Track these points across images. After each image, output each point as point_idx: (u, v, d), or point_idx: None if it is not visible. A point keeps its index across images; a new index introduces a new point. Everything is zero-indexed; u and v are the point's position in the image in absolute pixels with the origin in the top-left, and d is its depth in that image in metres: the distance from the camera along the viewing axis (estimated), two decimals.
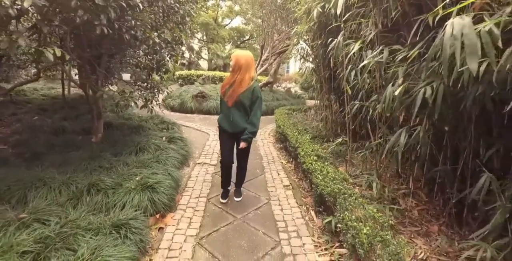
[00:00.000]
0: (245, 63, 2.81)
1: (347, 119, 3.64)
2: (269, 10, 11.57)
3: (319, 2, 4.15)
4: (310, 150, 3.70)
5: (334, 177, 2.83)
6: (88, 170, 3.28)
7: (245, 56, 2.84)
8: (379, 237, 1.86)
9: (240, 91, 2.81)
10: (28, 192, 2.70)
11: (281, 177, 4.06)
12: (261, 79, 14.36)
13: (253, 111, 2.90)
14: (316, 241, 2.62)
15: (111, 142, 4.44)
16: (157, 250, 2.38)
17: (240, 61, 2.80)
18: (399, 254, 1.76)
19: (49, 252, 1.87)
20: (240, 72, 2.81)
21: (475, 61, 1.14)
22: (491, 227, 1.96)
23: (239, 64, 2.81)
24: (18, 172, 3.11)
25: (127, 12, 2.66)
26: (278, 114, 6.72)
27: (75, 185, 2.87)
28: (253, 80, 2.88)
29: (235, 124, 2.91)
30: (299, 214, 3.07)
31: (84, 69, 4.50)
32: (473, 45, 1.15)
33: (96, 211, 2.52)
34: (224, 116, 3.01)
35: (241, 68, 2.81)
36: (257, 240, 2.59)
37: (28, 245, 1.89)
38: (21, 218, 2.24)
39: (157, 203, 2.77)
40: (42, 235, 2.00)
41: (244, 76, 2.82)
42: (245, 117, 2.93)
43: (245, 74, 2.82)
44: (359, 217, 2.11)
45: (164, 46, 3.50)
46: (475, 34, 1.16)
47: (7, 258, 1.78)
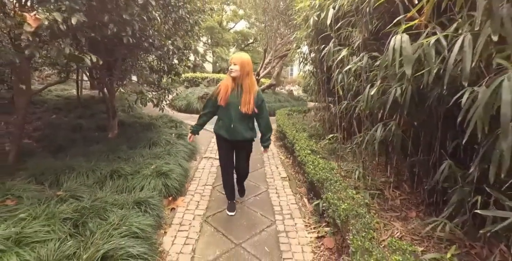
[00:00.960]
0: (251, 67, 2.70)
1: (338, 117, 4.05)
2: (272, 15, 12.03)
3: (315, 11, 4.57)
4: (305, 146, 4.12)
5: (323, 167, 3.25)
6: (108, 160, 3.73)
7: (249, 60, 2.70)
8: (354, 212, 2.28)
9: (253, 96, 2.70)
10: (60, 177, 3.15)
11: (279, 170, 4.49)
12: (264, 82, 14.81)
13: (264, 116, 2.89)
14: (306, 222, 3.04)
15: (126, 137, 4.90)
16: (170, 225, 2.81)
17: (248, 66, 2.66)
18: (370, 224, 2.17)
19: (85, 219, 2.31)
20: (249, 77, 2.69)
21: (409, 67, 1.57)
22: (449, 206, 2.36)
23: (247, 70, 2.66)
24: (47, 161, 3.56)
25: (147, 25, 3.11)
26: (278, 115, 7.15)
27: (100, 172, 3.32)
28: (255, 81, 2.83)
29: (238, 132, 2.79)
30: (294, 200, 3.49)
31: (101, 72, 4.97)
32: (408, 56, 1.57)
33: (119, 192, 2.96)
34: (224, 124, 2.83)
35: (249, 73, 2.69)
36: (255, 220, 3.01)
37: (68, 213, 2.34)
38: (58, 195, 2.69)
39: (170, 188, 3.22)
40: (78, 207, 2.44)
41: (252, 80, 2.73)
42: (248, 124, 2.83)
43: (252, 78, 2.74)
44: (340, 197, 2.52)
45: (176, 52, 3.95)
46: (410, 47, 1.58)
47: (53, 222, 2.21)
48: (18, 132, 3.87)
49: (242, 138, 2.81)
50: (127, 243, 2.01)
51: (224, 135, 2.84)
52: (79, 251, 1.96)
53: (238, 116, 2.74)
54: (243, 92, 2.69)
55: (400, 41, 1.65)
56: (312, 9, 4.78)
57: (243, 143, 2.92)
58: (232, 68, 2.64)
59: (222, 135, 2.87)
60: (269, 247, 2.57)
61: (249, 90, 2.69)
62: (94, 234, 2.12)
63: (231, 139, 2.84)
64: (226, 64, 22.49)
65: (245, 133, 2.81)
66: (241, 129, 2.78)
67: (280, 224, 2.95)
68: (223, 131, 2.85)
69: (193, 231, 2.73)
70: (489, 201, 2.04)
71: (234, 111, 2.74)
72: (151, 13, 3.00)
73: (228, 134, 2.82)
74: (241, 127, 2.78)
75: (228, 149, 3.00)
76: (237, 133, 2.79)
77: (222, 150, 3.04)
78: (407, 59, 1.60)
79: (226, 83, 2.75)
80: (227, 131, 2.82)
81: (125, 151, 4.10)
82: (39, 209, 2.38)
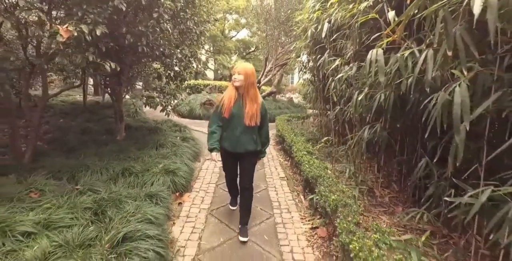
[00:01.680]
0: (255, 77, 2.63)
1: (332, 121, 4.36)
2: (273, 25, 12.45)
3: (313, 23, 4.92)
4: (302, 148, 4.42)
5: (318, 166, 3.55)
6: (119, 160, 4.03)
7: (253, 70, 2.63)
8: (343, 202, 2.56)
9: (258, 107, 2.64)
10: (76, 174, 3.45)
11: (278, 171, 4.78)
12: (265, 89, 15.17)
13: (264, 127, 2.82)
14: (302, 215, 3.32)
15: (134, 140, 5.20)
16: (178, 217, 3.09)
17: (252, 76, 2.59)
18: (356, 212, 2.45)
19: (104, 208, 2.61)
20: (253, 87, 2.62)
21: (382, 75, 1.89)
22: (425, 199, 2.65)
23: (251, 80, 2.58)
24: (61, 160, 3.86)
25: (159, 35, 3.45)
26: (278, 121, 7.46)
27: (112, 169, 3.62)
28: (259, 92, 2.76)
29: (241, 144, 2.70)
30: (291, 197, 3.78)
31: (111, 78, 5.31)
32: (381, 66, 1.89)
33: (131, 187, 3.25)
34: (228, 136, 2.73)
35: (254, 83, 2.62)
36: (255, 213, 3.29)
37: (88, 203, 2.63)
38: (77, 189, 2.99)
39: (177, 184, 3.51)
40: (96, 198, 2.74)
41: (256, 91, 2.67)
42: (252, 136, 2.72)
43: (256, 89, 2.67)
44: (331, 190, 2.81)
45: (184, 60, 4.29)
46: (383, 60, 1.90)
47: (75, 211, 2.51)
48: (33, 134, 4.17)
49: (245, 150, 2.71)
50: (143, 227, 2.29)
51: (227, 147, 2.74)
52: (101, 234, 2.25)
53: (242, 127, 2.65)
54: (247, 103, 2.61)
55: (375, 55, 1.97)
56: (310, 21, 5.13)
57: (246, 155, 2.78)
58: (236, 77, 2.57)
59: (225, 148, 2.76)
60: (268, 236, 2.85)
61: (253, 100, 2.62)
62: (113, 220, 2.41)
63: (234, 152, 2.74)
64: (227, 71, 22.89)
65: (249, 145, 2.71)
66: (245, 141, 2.69)
67: (278, 217, 3.23)
68: (226, 143, 2.74)
69: (199, 222, 3.01)
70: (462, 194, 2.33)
71: (238, 122, 2.65)
72: (163, 25, 3.34)
73: (232, 147, 2.72)
74: (245, 139, 2.69)
75: (232, 163, 2.91)
76: (241, 145, 2.70)
77: (226, 166, 2.98)
78: (381, 69, 1.93)
79: (229, 94, 2.67)
80: (230, 143, 2.72)
81: (134, 152, 4.41)
82: (61, 200, 2.69)
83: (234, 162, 2.91)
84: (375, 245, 1.95)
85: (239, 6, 21.08)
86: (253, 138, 2.73)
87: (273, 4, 12.10)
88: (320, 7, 4.60)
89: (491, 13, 1.35)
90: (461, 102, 1.55)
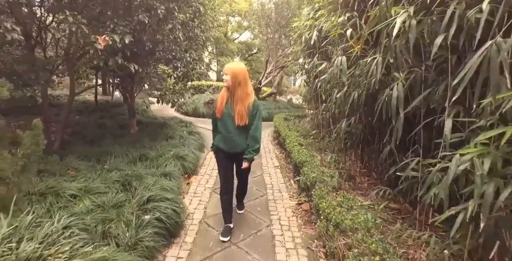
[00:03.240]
0: (243, 77, 2.60)
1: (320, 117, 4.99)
2: (273, 29, 13.09)
3: (306, 30, 5.55)
4: (294, 140, 5.05)
5: (305, 154, 4.17)
6: (136, 148, 4.68)
7: (242, 70, 2.61)
8: (321, 178, 3.19)
9: (246, 107, 2.62)
10: (101, 158, 4.10)
11: (273, 161, 5.41)
12: (266, 90, 15.80)
13: (254, 126, 2.70)
14: (291, 194, 3.95)
15: (146, 133, 5.86)
16: (187, 193, 3.73)
17: (239, 77, 2.57)
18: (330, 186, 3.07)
19: (129, 181, 3.25)
20: (241, 87, 2.59)
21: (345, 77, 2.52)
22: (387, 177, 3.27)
23: (238, 80, 2.57)
24: (86, 148, 4.51)
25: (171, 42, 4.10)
26: (276, 118, 8.09)
27: (131, 155, 4.26)
28: (252, 93, 2.71)
29: (236, 144, 2.71)
30: (282, 181, 4.41)
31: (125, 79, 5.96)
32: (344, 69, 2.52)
33: (148, 168, 3.90)
34: (222, 136, 2.76)
35: (241, 84, 2.59)
36: (251, 191, 3.92)
37: (116, 177, 3.27)
38: (105, 168, 3.63)
39: (186, 168, 4.15)
40: (122, 174, 3.38)
41: (246, 90, 2.64)
42: (245, 135, 2.71)
43: (246, 88, 2.64)
44: (313, 170, 3.44)
45: (191, 62, 4.95)
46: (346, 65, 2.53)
47: (107, 182, 3.15)
48: (62, 126, 4.82)
49: (242, 149, 2.70)
50: (162, 193, 2.93)
51: (222, 147, 2.77)
52: (129, 198, 2.89)
53: (235, 127, 2.66)
54: (237, 103, 2.62)
55: (340, 61, 2.61)
56: (305, 28, 5.76)
57: (243, 155, 2.73)
58: (224, 78, 2.61)
59: (220, 148, 2.80)
60: (261, 208, 3.49)
61: (241, 100, 2.61)
62: (137, 189, 3.05)
63: (230, 152, 2.76)
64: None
65: (244, 144, 2.71)
66: (240, 140, 2.71)
67: (270, 195, 3.87)
68: (221, 143, 2.78)
69: (204, 197, 3.66)
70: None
71: (230, 122, 2.67)
72: (176, 33, 3.99)
73: (227, 146, 2.75)
74: (240, 139, 2.70)
75: (227, 163, 2.89)
76: (236, 145, 2.71)
77: (221, 167, 2.92)
78: (344, 72, 2.56)
79: (222, 94, 2.74)
80: (225, 143, 2.75)
81: (147, 142, 5.06)
82: (95, 175, 3.33)
83: (230, 163, 2.90)
84: (339, 205, 2.57)
85: (242, 9, 21.73)
86: (246, 136, 2.73)
87: (274, 9, 12.74)
88: (313, 15, 5.22)
89: (411, 33, 1.98)
90: (397, 96, 2.18)
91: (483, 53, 1.53)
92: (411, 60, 2.21)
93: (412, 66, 2.29)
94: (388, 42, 2.25)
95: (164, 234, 2.57)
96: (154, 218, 2.59)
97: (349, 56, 3.24)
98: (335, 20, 3.51)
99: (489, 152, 1.52)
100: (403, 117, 2.29)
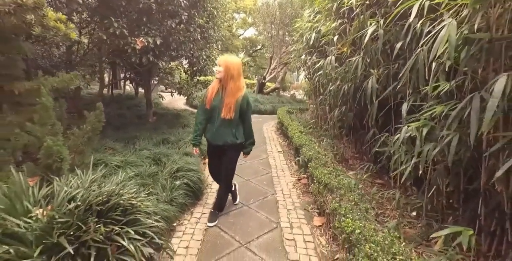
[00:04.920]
0: (237, 71, 2.63)
1: (318, 108, 5.68)
2: (277, 27, 13.72)
3: (307, 31, 6.21)
4: (295, 128, 5.74)
5: (304, 139, 4.86)
6: (157, 134, 5.39)
7: (236, 63, 2.63)
8: (316, 155, 3.88)
9: (235, 101, 2.64)
10: (129, 141, 4.81)
11: (277, 147, 6.12)
12: (269, 85, 16.46)
13: (247, 122, 2.83)
14: (292, 172, 4.65)
15: (163, 122, 6.58)
16: (204, 170, 4.43)
17: (233, 69, 2.59)
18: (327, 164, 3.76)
19: (159, 158, 3.95)
20: (233, 80, 2.61)
21: (333, 72, 3.20)
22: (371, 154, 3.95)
23: (231, 73, 2.59)
24: (116, 133, 5.22)
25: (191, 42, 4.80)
26: (279, 111, 8.78)
27: (155, 139, 4.98)
28: (244, 88, 2.74)
29: (220, 136, 2.76)
30: (285, 163, 5.11)
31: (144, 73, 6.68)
32: (333, 67, 3.21)
33: (171, 149, 4.60)
34: (210, 127, 2.82)
35: (234, 77, 2.61)
36: (258, 170, 4.63)
37: (148, 155, 3.99)
38: (136, 148, 4.34)
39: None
40: (152, 152, 4.10)
41: (239, 84, 2.66)
42: (231, 129, 2.75)
43: (238, 82, 2.66)
44: (310, 150, 4.13)
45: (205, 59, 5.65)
46: (334, 64, 3.21)
47: (140, 158, 3.86)
48: None
49: (223, 142, 2.77)
50: (187, 165, 3.64)
51: (209, 138, 2.86)
52: (161, 169, 3.60)
53: (220, 119, 2.69)
54: (226, 96, 2.63)
55: (330, 60, 3.29)
56: (306, 29, 6.41)
57: (225, 148, 2.84)
58: (218, 69, 2.62)
59: (207, 139, 2.89)
60: (267, 182, 4.19)
61: (232, 94, 2.62)
62: (166, 163, 3.76)
63: (214, 144, 2.83)
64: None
65: (227, 138, 2.75)
66: (223, 133, 2.74)
67: (274, 173, 4.57)
68: (208, 134, 2.86)
69: None
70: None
71: (217, 114, 2.70)
72: (194, 35, 4.68)
73: (212, 138, 2.82)
74: (225, 131, 2.74)
75: (213, 154, 3.01)
76: (220, 137, 2.76)
77: (209, 158, 3.10)
78: (333, 69, 3.25)
79: (213, 85, 2.75)
80: (211, 135, 2.81)
81: (166, 129, 5.78)
82: (130, 152, 4.04)
83: (217, 155, 2.97)
84: (328, 173, 3.26)
85: (247, 5, 22.28)
86: (232, 131, 2.76)
87: (278, 8, 13.35)
88: (313, 17, 5.88)
89: (380, 39, 2.66)
90: (371, 87, 2.86)
91: (415, 56, 2.20)
92: (384, 59, 2.88)
93: (385, 64, 2.96)
94: (365, 45, 2.92)
95: (191, 196, 3.29)
96: (183, 183, 3.30)
97: (340, 56, 3.93)
98: (329, 25, 4.18)
99: (427, 124, 2.19)
100: (376, 103, 2.97)
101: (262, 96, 14.03)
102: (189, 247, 2.60)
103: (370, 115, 3.07)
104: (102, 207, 2.02)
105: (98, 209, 2.01)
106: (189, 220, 3.06)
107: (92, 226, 1.90)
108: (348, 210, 2.35)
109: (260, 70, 24.62)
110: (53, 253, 1.76)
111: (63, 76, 2.81)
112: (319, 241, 2.75)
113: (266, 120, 9.85)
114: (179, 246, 2.61)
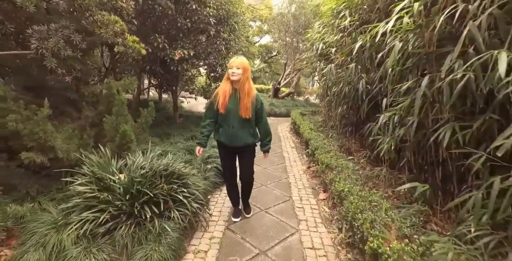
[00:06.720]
0: (250, 71, 2.67)
1: (326, 108, 6.43)
2: (291, 35, 14.55)
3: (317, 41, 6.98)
4: (307, 127, 6.51)
5: (314, 134, 5.62)
6: (186, 132, 6.26)
7: (249, 65, 2.68)
8: (322, 145, 4.64)
9: (251, 100, 2.67)
10: (164, 137, 5.69)
11: (290, 144, 6.89)
12: (284, 90, 17.26)
13: (263, 120, 2.86)
14: (303, 163, 5.41)
15: (188, 122, 7.47)
16: None
17: (248, 71, 2.64)
18: (330, 152, 4.51)
19: (192, 149, 4.80)
20: (248, 81, 2.67)
21: (332, 77, 3.96)
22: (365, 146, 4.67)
23: (247, 74, 2.63)
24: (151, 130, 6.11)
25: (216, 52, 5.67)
26: (293, 113, 9.56)
27: (185, 135, 5.84)
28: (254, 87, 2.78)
29: (239, 138, 2.77)
30: (297, 156, 5.87)
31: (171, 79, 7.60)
32: (331, 72, 3.98)
33: None
34: (224, 130, 2.79)
35: (249, 78, 2.66)
36: (274, 161, 5.42)
37: (182, 147, 4.84)
38: (171, 142, 5.21)
39: None
40: (185, 145, 4.95)
41: (251, 84, 2.71)
42: (249, 129, 2.79)
43: (251, 83, 2.72)
44: (317, 141, 4.89)
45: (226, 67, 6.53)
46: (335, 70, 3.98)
47: (177, 148, 4.70)
48: None
49: (243, 144, 2.79)
50: (216, 154, 4.46)
51: (225, 141, 2.82)
52: (194, 158, 4.43)
53: (238, 121, 2.70)
54: (242, 97, 2.65)
55: (330, 67, 4.07)
56: (316, 39, 7.19)
57: (245, 149, 2.89)
58: (235, 71, 2.58)
59: (222, 142, 2.86)
60: (281, 170, 4.97)
61: (248, 94, 2.65)
62: None
63: (232, 146, 2.82)
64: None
65: (246, 139, 2.79)
66: (242, 134, 2.76)
67: (287, 163, 5.34)
68: (223, 138, 2.83)
69: None
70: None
71: (234, 116, 2.70)
72: (220, 47, 5.56)
73: (229, 141, 2.79)
74: (242, 133, 2.75)
75: (231, 157, 3.01)
76: (238, 139, 2.77)
77: (224, 160, 3.06)
78: (332, 75, 4.02)
79: (224, 89, 2.70)
80: (227, 138, 2.79)
81: (193, 128, 6.66)
82: (167, 145, 4.91)
83: (232, 156, 3.01)
84: (330, 157, 4.01)
85: (263, 14, 23.23)
86: (250, 131, 2.81)
87: (292, 18, 14.19)
88: (322, 29, 6.65)
89: (366, 51, 3.42)
90: (362, 88, 3.62)
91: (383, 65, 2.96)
92: (372, 66, 3.64)
93: (374, 70, 3.72)
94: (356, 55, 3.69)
95: (220, 176, 4.10)
96: (214, 167, 4.12)
97: (343, 63, 4.70)
98: (332, 38, 4.96)
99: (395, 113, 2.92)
100: (367, 101, 3.72)
101: (277, 100, 14.87)
102: (222, 212, 3.41)
103: (362, 110, 3.81)
104: (164, 172, 2.88)
105: (160, 174, 2.87)
106: (220, 194, 3.87)
107: (159, 183, 2.76)
108: (342, 179, 3.12)
109: (275, 75, 25.44)
110: (135, 200, 2.62)
111: (124, 80, 3.70)
112: (322, 209, 3.51)
113: (280, 122, 10.66)
114: (214, 211, 3.43)
